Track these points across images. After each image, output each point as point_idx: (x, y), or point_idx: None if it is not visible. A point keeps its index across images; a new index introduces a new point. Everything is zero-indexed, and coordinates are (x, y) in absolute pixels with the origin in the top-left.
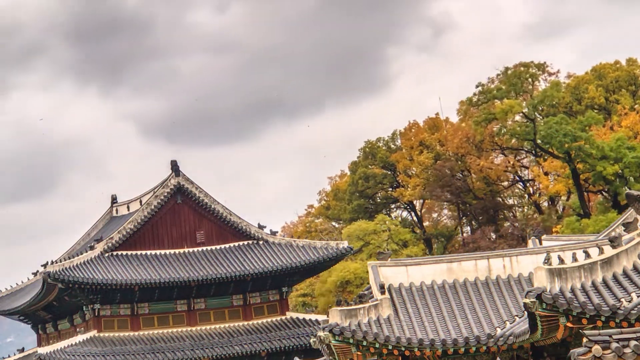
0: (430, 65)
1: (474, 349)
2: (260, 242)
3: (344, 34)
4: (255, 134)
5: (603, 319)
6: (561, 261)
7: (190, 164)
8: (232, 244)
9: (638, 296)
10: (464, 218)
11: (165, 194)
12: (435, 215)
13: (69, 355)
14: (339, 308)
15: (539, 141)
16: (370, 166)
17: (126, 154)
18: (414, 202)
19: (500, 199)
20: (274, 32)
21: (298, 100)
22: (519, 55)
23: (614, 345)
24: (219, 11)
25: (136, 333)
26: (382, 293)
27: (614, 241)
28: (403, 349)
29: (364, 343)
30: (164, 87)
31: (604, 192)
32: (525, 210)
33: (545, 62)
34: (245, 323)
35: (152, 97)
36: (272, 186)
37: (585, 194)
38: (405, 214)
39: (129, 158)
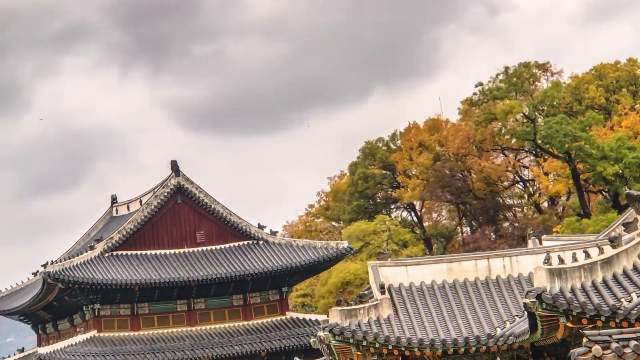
0: (485, 46)
1: (474, 349)
2: (260, 242)
3: (395, 16)
4: (297, 122)
5: (603, 319)
6: (561, 261)
7: (227, 153)
8: (232, 244)
9: (638, 296)
10: (464, 218)
11: (165, 194)
12: (435, 215)
13: (69, 355)
14: (339, 308)
15: (539, 141)
16: (369, 167)
17: (161, 143)
18: (414, 203)
19: (501, 199)
20: (326, 14)
21: (344, 86)
22: (575, 37)
23: (614, 345)
24: None
25: (136, 333)
26: (382, 293)
27: (614, 241)
28: (403, 349)
29: (364, 343)
30: (209, 72)
31: (604, 192)
32: (525, 210)
33: (547, 62)
34: (245, 323)
35: (195, 82)
36: (303, 178)
37: (586, 194)
38: (405, 214)
39: (163, 147)
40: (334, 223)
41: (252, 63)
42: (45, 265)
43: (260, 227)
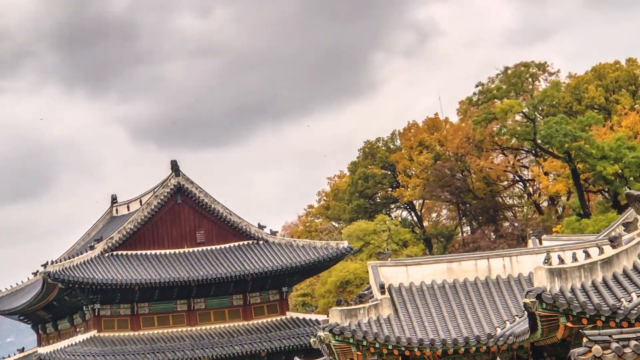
0: (416, 70)
1: (474, 349)
2: (260, 242)
3: (329, 38)
4: (244, 137)
5: (603, 318)
6: (561, 261)
7: (182, 166)
8: (232, 244)
9: (638, 296)
10: (463, 218)
11: (165, 193)
12: (435, 215)
13: (69, 355)
14: (339, 308)
15: (539, 141)
16: (369, 166)
17: (117, 156)
18: (414, 202)
19: (500, 199)
20: (258, 35)
21: (284, 104)
22: (506, 60)
23: (614, 345)
24: (203, 15)
25: (136, 333)
26: (382, 293)
27: (614, 241)
28: (403, 348)
29: (364, 343)
30: (152, 92)
31: (604, 192)
32: (525, 210)
33: (545, 62)
34: (245, 323)
35: (140, 101)
36: (263, 188)
37: (585, 194)
38: (405, 214)
39: (121, 160)
40: (333, 223)
41: (191, 82)
42: (45, 265)
43: (260, 227)
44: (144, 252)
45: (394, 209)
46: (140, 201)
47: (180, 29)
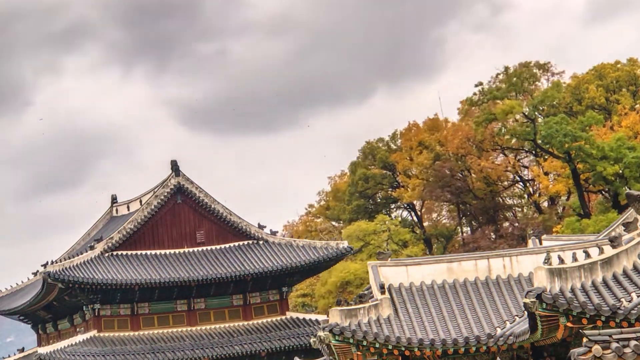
0: (487, 44)
1: (474, 348)
2: (260, 242)
3: (399, 15)
4: (301, 120)
5: (603, 318)
6: (561, 261)
7: (228, 152)
8: (232, 244)
9: (638, 296)
10: (464, 218)
11: (165, 193)
12: (435, 215)
13: (69, 355)
14: (339, 308)
15: (539, 141)
16: (370, 166)
17: (162, 142)
18: (414, 203)
19: (500, 199)
20: (330, 12)
21: (347, 85)
22: (578, 36)
23: (614, 345)
24: None
25: (136, 333)
26: (382, 293)
27: (614, 241)
28: (403, 348)
29: (364, 343)
30: (212, 71)
31: (604, 192)
32: (525, 210)
33: (548, 62)
34: (245, 323)
35: (197, 81)
36: (303, 177)
37: (585, 194)
38: (405, 214)
39: (164, 147)
40: (334, 223)
41: (255, 62)
42: (45, 265)
43: (260, 227)
44: (144, 252)
45: (394, 209)
46: (140, 201)
47: (247, 4)
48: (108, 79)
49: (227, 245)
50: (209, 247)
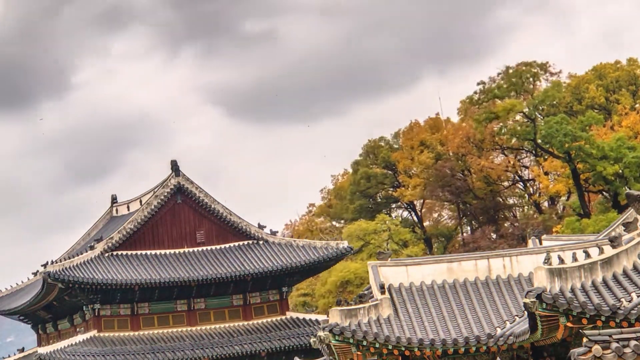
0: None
1: (474, 348)
2: (260, 242)
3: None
4: (345, 109)
5: (603, 318)
6: (561, 261)
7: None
8: (232, 244)
9: (638, 296)
10: (464, 218)
11: (165, 193)
12: (435, 215)
13: (69, 355)
14: (339, 308)
15: (539, 141)
16: (371, 166)
17: (200, 130)
18: (415, 202)
19: (501, 199)
20: None
21: (392, 73)
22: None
23: (614, 345)
24: None
25: (136, 333)
26: (382, 293)
27: (614, 241)
28: (403, 348)
29: (364, 343)
30: (259, 53)
31: (604, 192)
32: (526, 210)
33: (547, 62)
34: (245, 323)
35: (242, 65)
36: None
37: (586, 194)
38: (405, 213)
39: (201, 135)
40: (334, 222)
41: (305, 45)
42: (45, 265)
43: (260, 227)
44: (144, 252)
45: (395, 209)
46: (140, 201)
47: None
48: (153, 62)
49: (227, 245)
50: (209, 247)
